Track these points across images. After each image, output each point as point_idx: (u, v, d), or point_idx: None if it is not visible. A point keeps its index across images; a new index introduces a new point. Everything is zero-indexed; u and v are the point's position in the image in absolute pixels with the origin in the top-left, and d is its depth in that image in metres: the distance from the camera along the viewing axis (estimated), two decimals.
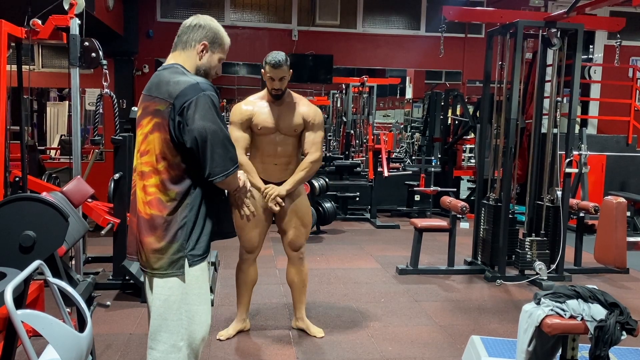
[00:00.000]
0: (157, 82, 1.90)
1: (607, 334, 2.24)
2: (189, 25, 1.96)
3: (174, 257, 1.90)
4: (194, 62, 1.95)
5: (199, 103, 1.80)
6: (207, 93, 1.83)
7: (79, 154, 3.94)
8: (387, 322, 3.70)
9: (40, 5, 3.90)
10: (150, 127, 1.87)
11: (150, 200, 1.89)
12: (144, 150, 1.90)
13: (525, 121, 6.88)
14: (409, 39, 8.94)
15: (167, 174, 1.87)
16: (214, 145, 1.82)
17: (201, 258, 1.95)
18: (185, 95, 1.81)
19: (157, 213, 1.88)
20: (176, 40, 1.98)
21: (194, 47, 1.94)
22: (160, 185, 1.88)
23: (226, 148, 1.85)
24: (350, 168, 7.78)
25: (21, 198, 2.39)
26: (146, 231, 1.90)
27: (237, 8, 8.58)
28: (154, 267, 1.91)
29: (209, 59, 1.97)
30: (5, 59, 3.49)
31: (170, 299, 1.92)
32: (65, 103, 12.51)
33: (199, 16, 1.99)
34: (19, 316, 1.43)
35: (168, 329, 1.92)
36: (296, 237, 3.30)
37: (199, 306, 1.96)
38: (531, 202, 4.90)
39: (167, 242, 1.88)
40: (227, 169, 1.86)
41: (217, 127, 1.83)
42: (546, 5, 8.44)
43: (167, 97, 1.83)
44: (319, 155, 3.24)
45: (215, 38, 1.96)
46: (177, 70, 1.90)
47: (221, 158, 1.84)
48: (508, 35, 4.88)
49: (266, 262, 5.07)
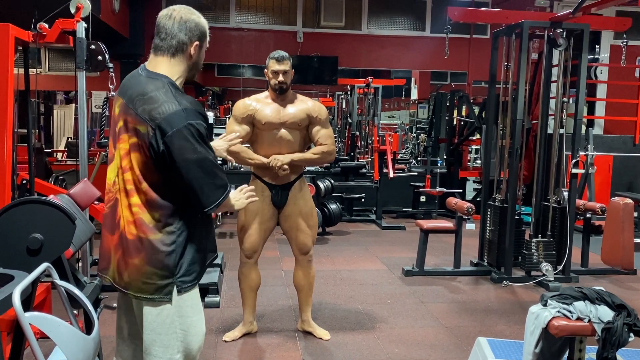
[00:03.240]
0: (138, 92, 1.76)
1: (615, 336, 2.23)
2: (171, 24, 1.78)
3: (161, 283, 1.79)
4: (184, 67, 1.83)
5: (182, 135, 1.68)
6: (192, 122, 1.69)
7: (86, 156, 3.95)
8: (393, 324, 3.70)
9: (47, 9, 3.92)
10: (129, 146, 1.77)
11: (134, 220, 1.78)
12: (126, 167, 1.79)
13: (532, 122, 6.85)
14: (414, 40, 8.94)
15: (151, 194, 1.77)
16: (203, 178, 1.73)
17: (192, 284, 1.85)
18: (169, 123, 1.68)
19: (142, 235, 1.78)
20: (158, 41, 1.80)
21: (186, 51, 1.80)
22: (144, 206, 1.77)
23: (215, 177, 1.76)
24: (356, 169, 7.78)
25: (29, 201, 2.40)
26: (129, 252, 1.79)
27: (242, 10, 8.60)
28: (140, 291, 1.81)
29: (199, 55, 1.87)
30: (13, 63, 3.52)
31: (162, 313, 1.83)
32: (71, 106, 12.59)
33: (174, 9, 1.81)
34: (26, 318, 1.44)
35: (162, 343, 1.84)
36: (304, 240, 3.29)
37: (193, 317, 1.88)
38: (537, 203, 4.88)
39: (153, 267, 1.78)
40: (218, 198, 1.78)
41: (204, 157, 1.72)
42: (552, 6, 8.42)
43: (148, 120, 1.70)
44: (333, 148, 3.25)
45: (203, 33, 1.84)
46: (162, 88, 1.74)
47: (211, 189, 1.76)
48: (513, 36, 4.87)
49: (272, 263, 5.08)
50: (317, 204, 6.28)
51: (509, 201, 4.77)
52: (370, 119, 8.99)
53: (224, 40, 8.48)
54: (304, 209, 3.27)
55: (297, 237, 3.29)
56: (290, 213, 3.25)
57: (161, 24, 1.80)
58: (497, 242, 4.85)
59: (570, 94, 5.02)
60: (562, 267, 4.68)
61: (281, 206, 3.24)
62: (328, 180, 6.70)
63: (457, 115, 8.79)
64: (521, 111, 4.66)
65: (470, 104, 8.30)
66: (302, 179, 3.32)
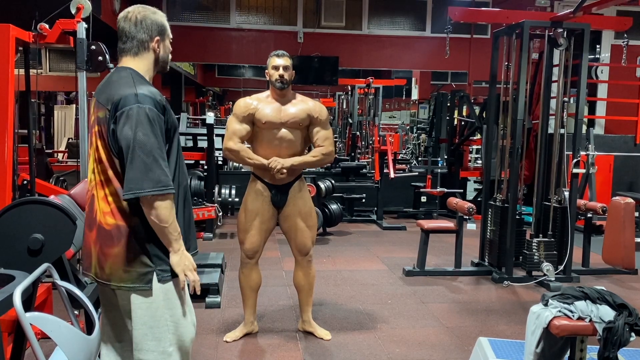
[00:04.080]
0: (102, 87, 1.82)
1: (616, 336, 2.23)
2: (129, 26, 1.81)
3: (142, 271, 1.78)
4: (150, 61, 1.85)
5: (132, 114, 1.68)
6: (143, 106, 1.69)
7: (87, 157, 3.96)
8: (394, 324, 3.70)
9: (47, 10, 3.93)
10: (96, 135, 1.80)
11: (111, 209, 1.77)
12: (97, 158, 1.80)
13: (532, 122, 6.85)
14: (414, 40, 8.94)
15: (117, 182, 1.76)
16: (134, 161, 1.66)
17: (172, 274, 1.81)
18: (122, 104, 1.70)
19: (120, 223, 1.76)
20: (121, 45, 1.84)
21: (147, 48, 1.83)
22: (117, 194, 1.76)
23: (148, 166, 1.66)
24: (357, 169, 7.78)
25: (29, 201, 2.40)
26: (110, 242, 1.77)
27: (242, 11, 8.61)
28: (122, 281, 1.79)
29: (164, 49, 1.88)
30: (13, 64, 3.52)
31: (152, 305, 1.81)
32: (72, 106, 12.60)
33: (129, 11, 1.83)
34: (27, 319, 1.44)
35: (154, 336, 1.82)
36: (304, 241, 3.29)
37: (182, 307, 1.86)
38: (538, 203, 4.88)
39: (132, 254, 1.77)
40: (140, 189, 1.66)
41: (143, 140, 1.67)
42: (552, 6, 8.42)
43: (106, 104, 1.75)
44: (332, 149, 3.25)
45: (161, 28, 1.86)
46: (125, 77, 1.78)
47: (136, 176, 1.66)
48: (514, 36, 4.87)
49: (272, 263, 5.08)
50: (317, 204, 6.29)
51: (509, 201, 4.76)
52: (370, 119, 8.99)
53: (225, 40, 8.48)
54: (303, 209, 3.27)
55: (297, 238, 3.28)
56: (290, 213, 3.25)
57: (120, 27, 1.83)
58: (498, 242, 4.85)
59: (571, 93, 5.02)
60: (563, 267, 4.68)
61: (281, 206, 3.24)
62: (329, 180, 6.70)
63: (457, 115, 8.79)
64: (522, 111, 4.66)
65: (471, 104, 8.30)
66: (302, 179, 3.32)
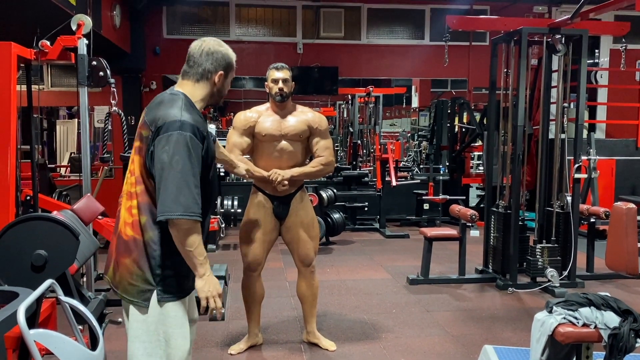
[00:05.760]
0: (153, 105, 1.89)
1: (621, 342, 2.22)
2: (199, 54, 1.91)
3: (143, 287, 1.84)
4: (206, 91, 1.93)
5: (172, 139, 1.75)
6: (184, 133, 1.76)
7: (89, 171, 3.98)
8: (399, 333, 3.68)
9: (48, 26, 3.96)
10: (135, 150, 1.87)
11: (132, 221, 1.84)
12: (130, 171, 1.89)
13: (533, 127, 6.86)
14: (413, 49, 8.97)
15: (144, 197, 1.83)
16: (169, 182, 1.73)
17: (173, 296, 1.86)
18: (164, 129, 1.77)
19: (137, 236, 1.83)
20: (186, 68, 1.93)
21: (210, 78, 1.92)
22: (140, 208, 1.83)
23: (180, 190, 1.73)
24: (358, 178, 7.78)
25: (32, 218, 2.41)
26: (124, 252, 1.85)
27: (242, 23, 8.66)
28: (125, 292, 1.85)
29: (224, 84, 1.97)
30: (15, 80, 3.55)
31: (147, 320, 1.85)
32: (74, 121, 12.63)
33: (205, 40, 1.94)
34: (31, 336, 1.44)
35: (146, 351, 1.86)
36: (306, 252, 3.29)
37: (176, 330, 1.88)
38: (541, 209, 4.87)
39: (138, 268, 1.83)
40: (171, 212, 1.73)
41: (178, 166, 1.74)
42: (550, 12, 8.45)
43: (150, 124, 1.82)
44: (332, 159, 3.25)
45: (228, 64, 1.95)
46: (176, 101, 1.84)
47: (170, 197, 1.72)
48: (512, 43, 4.89)
49: (276, 274, 5.07)
50: (320, 213, 6.29)
51: (512, 207, 4.76)
52: (371, 128, 8.99)
53: None
54: (305, 220, 3.27)
55: (299, 249, 3.28)
56: (292, 224, 3.25)
57: (191, 53, 1.93)
58: (501, 249, 4.83)
59: (571, 98, 5.03)
60: (568, 272, 4.66)
61: (283, 218, 3.24)
62: (331, 189, 6.70)
63: (458, 122, 8.80)
64: (522, 117, 4.67)
65: (471, 110, 8.31)
66: (303, 189, 3.32)
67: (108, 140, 6.29)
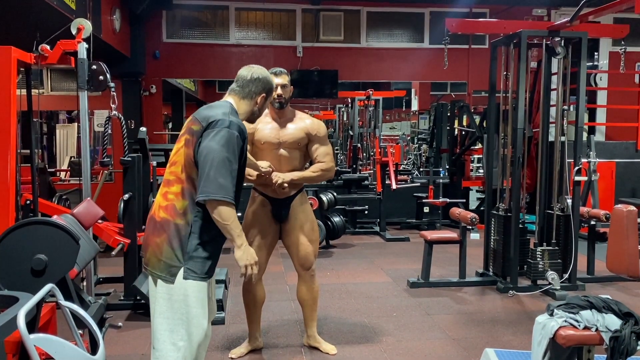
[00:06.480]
0: (203, 109, 2.18)
1: (623, 345, 2.21)
2: (250, 78, 2.24)
3: (171, 263, 2.03)
4: (249, 108, 2.25)
5: (219, 132, 2.02)
6: (231, 130, 2.03)
7: (89, 175, 3.98)
8: (399, 337, 3.68)
9: (48, 31, 3.97)
10: (183, 142, 2.11)
11: (166, 205, 2.06)
12: (172, 161, 2.12)
13: (533, 130, 6.86)
14: (413, 52, 8.99)
15: (186, 184, 2.06)
16: (209, 169, 1.97)
17: (198, 276, 2.06)
18: (214, 124, 2.04)
19: (170, 218, 2.04)
20: (235, 86, 2.25)
21: (254, 98, 2.25)
22: (180, 194, 2.06)
23: (220, 174, 1.98)
24: (358, 181, 7.78)
25: (32, 222, 2.41)
26: (155, 232, 2.07)
27: (241, 27, 8.67)
28: (153, 267, 2.06)
29: (263, 105, 2.30)
30: (15, 85, 3.55)
31: (172, 297, 2.03)
32: (74, 125, 12.65)
33: (253, 67, 2.27)
34: (31, 340, 1.44)
35: (169, 327, 2.04)
36: (306, 255, 3.28)
37: (197, 309, 2.06)
38: (541, 211, 4.87)
39: (169, 247, 2.03)
40: (211, 193, 1.97)
41: (221, 155, 1.99)
42: (549, 15, 8.46)
43: (202, 121, 2.08)
44: (332, 165, 3.26)
45: (270, 89, 2.29)
46: (225, 106, 2.15)
47: (210, 181, 1.97)
48: (512, 46, 4.90)
49: (276, 278, 5.06)
50: (320, 217, 6.28)
51: (512, 210, 4.76)
52: (371, 131, 9.02)
53: (225, 56, 8.53)
54: (305, 223, 3.27)
55: (299, 252, 3.27)
56: (292, 228, 3.24)
57: (241, 74, 2.28)
58: (502, 252, 4.83)
59: (571, 101, 5.03)
60: (568, 275, 4.65)
61: (282, 221, 3.24)
62: (331, 193, 6.70)
63: (458, 125, 8.81)
64: (522, 120, 4.67)
65: (471, 113, 8.31)
66: (303, 192, 3.32)
67: (108, 144, 6.28)
